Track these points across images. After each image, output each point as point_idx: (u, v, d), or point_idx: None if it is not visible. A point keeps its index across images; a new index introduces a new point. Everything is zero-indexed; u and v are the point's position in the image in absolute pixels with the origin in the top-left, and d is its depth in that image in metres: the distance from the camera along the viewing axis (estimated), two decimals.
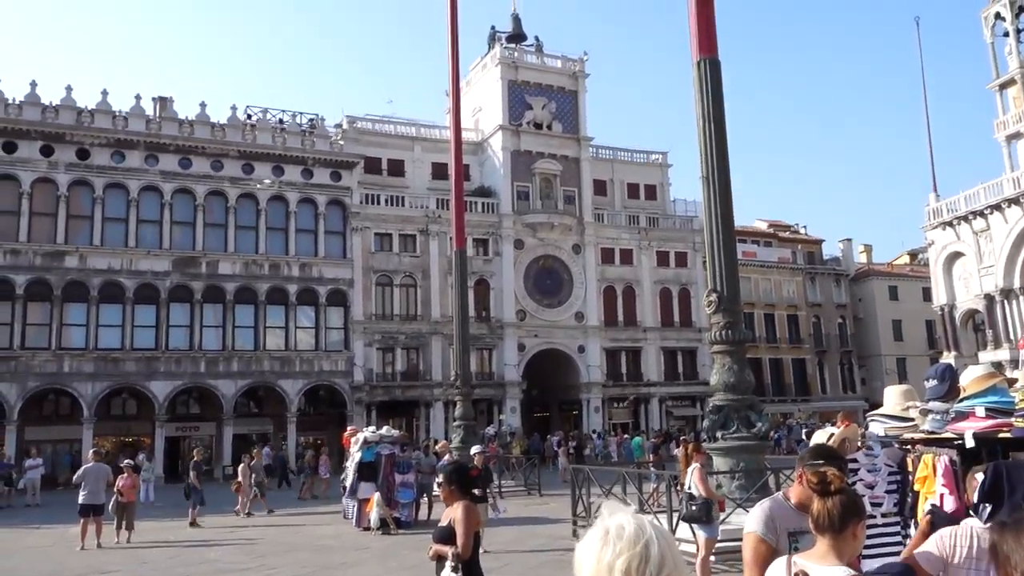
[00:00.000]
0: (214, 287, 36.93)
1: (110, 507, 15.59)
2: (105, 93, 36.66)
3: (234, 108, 39.28)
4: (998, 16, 41.25)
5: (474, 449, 16.26)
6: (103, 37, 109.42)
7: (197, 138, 37.63)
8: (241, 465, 22.30)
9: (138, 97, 37.33)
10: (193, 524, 18.56)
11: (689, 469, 9.81)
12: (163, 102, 38.65)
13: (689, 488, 9.69)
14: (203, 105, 38.38)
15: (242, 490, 21.21)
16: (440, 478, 5.66)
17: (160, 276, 36.08)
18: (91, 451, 17.17)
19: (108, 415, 36.08)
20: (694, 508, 9.52)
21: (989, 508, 4.13)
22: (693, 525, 9.63)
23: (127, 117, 36.81)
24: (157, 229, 36.73)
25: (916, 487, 5.06)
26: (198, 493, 19.09)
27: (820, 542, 2.89)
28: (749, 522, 3.71)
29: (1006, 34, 41.01)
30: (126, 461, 17.12)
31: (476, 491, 8.63)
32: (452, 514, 5.40)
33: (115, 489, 15.64)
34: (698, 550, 9.56)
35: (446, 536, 5.28)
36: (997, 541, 2.21)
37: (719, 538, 9.77)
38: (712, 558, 9.64)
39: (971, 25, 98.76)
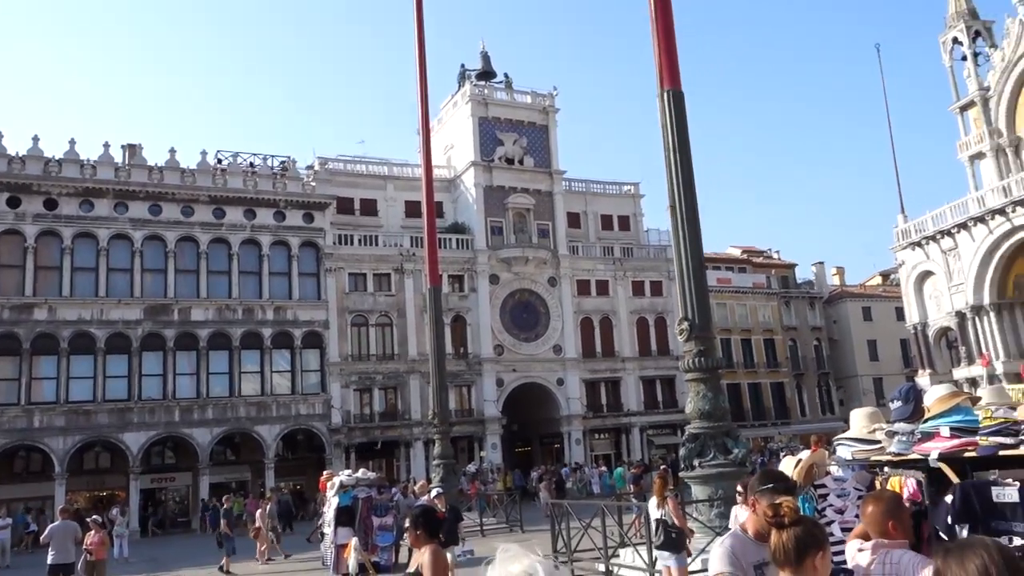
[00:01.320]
0: (187, 334, 36.50)
1: (79, 566, 15.15)
2: (73, 142, 36.47)
3: (204, 153, 39.21)
4: (955, 41, 42.22)
5: (434, 491, 15.91)
6: (69, 86, 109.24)
7: (167, 184, 37.44)
8: (259, 511, 22.50)
9: (106, 145, 37.16)
10: (224, 570, 18.94)
11: (663, 498, 9.79)
12: (132, 149, 38.50)
13: (664, 517, 9.64)
14: (172, 151, 38.29)
15: (261, 536, 21.05)
16: (407, 522, 5.53)
17: (131, 325, 35.61)
18: (59, 508, 16.77)
19: (81, 470, 35.37)
20: (674, 536, 9.48)
21: (967, 528, 4.09)
22: (665, 553, 9.59)
23: (95, 165, 36.57)
24: (127, 277, 36.32)
25: None
26: (230, 541, 19.37)
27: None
28: (713, 562, 3.65)
29: (964, 58, 41.95)
30: (94, 517, 16.68)
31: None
32: (419, 559, 5.26)
33: (84, 547, 15.20)
34: None
35: None
36: (941, 567, 2.16)
37: (697, 569, 9.68)
38: None
39: (930, 50, 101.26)
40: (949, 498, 4.28)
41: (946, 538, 4.04)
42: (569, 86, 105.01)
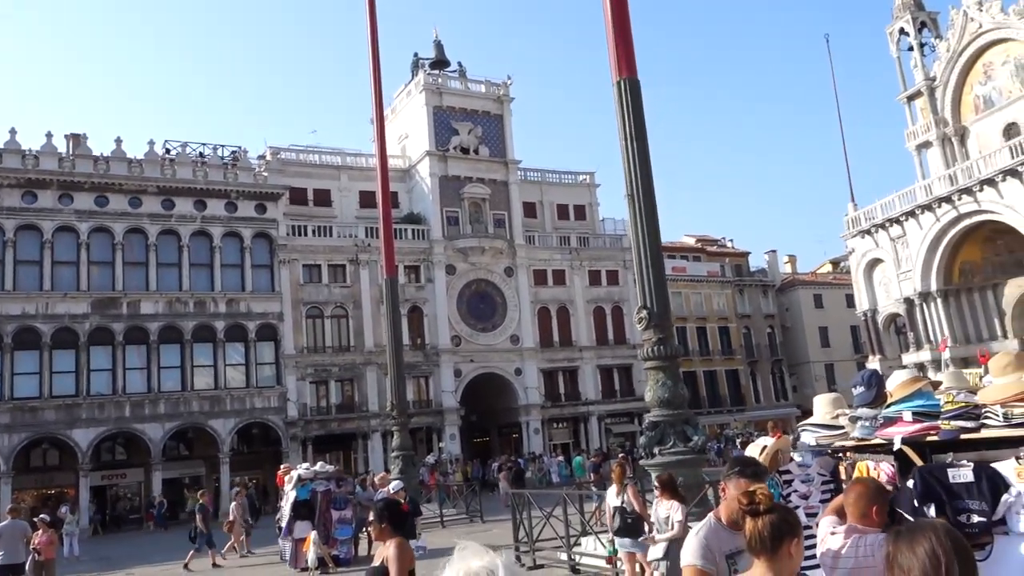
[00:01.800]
0: (137, 328, 35.70)
1: (27, 567, 14.71)
2: (13, 132, 35.34)
3: (151, 143, 38.25)
4: (902, 31, 43.02)
5: (393, 485, 15.76)
6: (10, 76, 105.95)
7: (113, 175, 36.47)
8: (233, 504, 22.14)
9: (49, 135, 36.03)
10: (186, 567, 18.45)
11: (622, 485, 9.89)
12: (76, 139, 37.36)
13: (623, 504, 9.72)
14: (118, 141, 37.29)
15: (235, 529, 20.76)
16: (370, 515, 5.44)
17: (78, 319, 34.70)
18: (7, 508, 16.27)
19: (28, 467, 34.48)
20: (630, 521, 9.56)
21: (933, 507, 4.15)
22: (627, 541, 9.66)
23: (38, 156, 35.48)
24: (74, 270, 35.38)
25: None
26: (204, 536, 19.12)
27: (756, 564, 2.79)
28: (685, 554, 3.62)
29: (910, 48, 42.78)
30: (41, 516, 16.22)
31: None
32: (384, 552, 5.17)
33: (32, 547, 14.78)
34: (642, 569, 9.52)
35: None
36: (892, 551, 2.23)
37: (658, 556, 9.75)
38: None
39: (878, 41, 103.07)
40: (911, 482, 4.32)
41: (911, 519, 4.08)
42: (524, 75, 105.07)
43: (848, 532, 3.51)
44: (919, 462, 4.39)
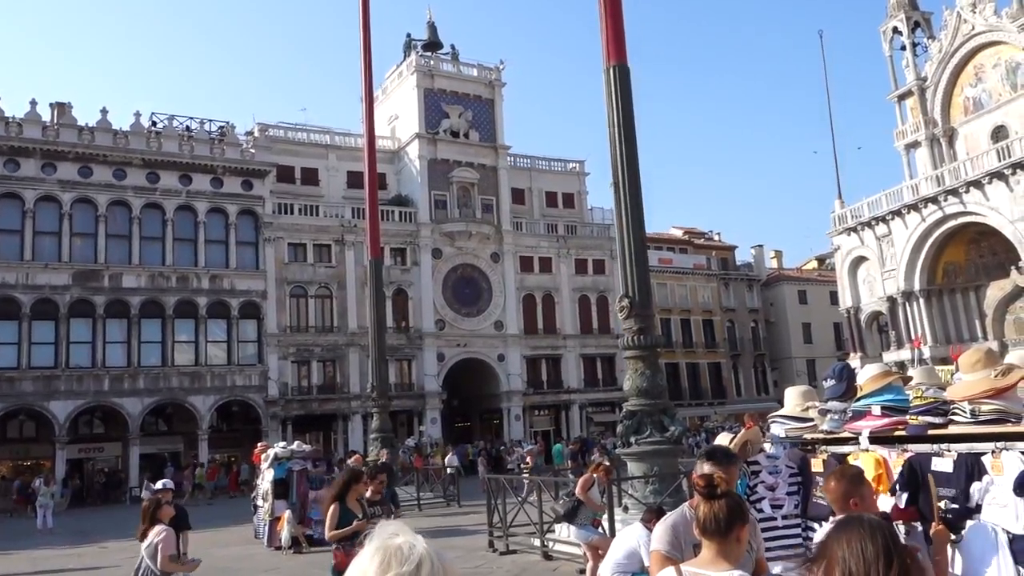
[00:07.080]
0: (118, 301, 35.40)
1: None
2: None
3: (138, 115, 37.85)
4: (895, 31, 43.04)
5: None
6: None
7: (98, 145, 36.07)
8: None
9: (33, 102, 35.58)
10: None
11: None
12: (61, 108, 36.86)
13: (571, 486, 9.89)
14: (104, 111, 36.86)
15: None
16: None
17: (59, 290, 34.39)
18: None
19: (4, 438, 34.27)
20: (571, 506, 9.68)
21: (907, 496, 4.20)
22: (572, 527, 9.76)
23: (21, 123, 35.03)
24: (56, 241, 35.04)
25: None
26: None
27: (707, 547, 2.87)
28: (653, 539, 3.64)
29: (903, 48, 42.82)
30: None
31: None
32: None
33: None
34: (585, 557, 9.63)
35: None
36: (826, 540, 2.36)
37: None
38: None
39: (871, 39, 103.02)
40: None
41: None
42: (516, 61, 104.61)
43: None
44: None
